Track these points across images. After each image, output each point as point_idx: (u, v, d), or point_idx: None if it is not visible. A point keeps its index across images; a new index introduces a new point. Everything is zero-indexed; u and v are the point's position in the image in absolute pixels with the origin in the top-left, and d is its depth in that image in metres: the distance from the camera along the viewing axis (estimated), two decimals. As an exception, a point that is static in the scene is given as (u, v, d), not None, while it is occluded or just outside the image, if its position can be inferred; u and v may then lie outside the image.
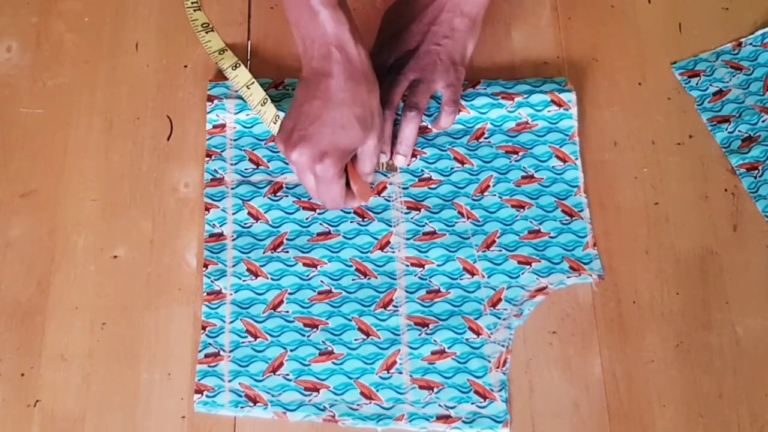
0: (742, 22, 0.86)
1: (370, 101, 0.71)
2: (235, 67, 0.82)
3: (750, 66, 0.84)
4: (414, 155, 0.81)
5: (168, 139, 0.81)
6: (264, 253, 0.77)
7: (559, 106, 0.81)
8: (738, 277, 0.76)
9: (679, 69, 0.84)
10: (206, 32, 0.85)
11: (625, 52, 0.85)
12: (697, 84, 0.83)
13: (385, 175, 0.79)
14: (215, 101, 0.82)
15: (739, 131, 0.81)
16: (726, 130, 0.81)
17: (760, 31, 0.85)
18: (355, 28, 0.70)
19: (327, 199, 0.76)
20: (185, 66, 0.84)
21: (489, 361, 0.73)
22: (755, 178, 0.79)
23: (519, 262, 0.77)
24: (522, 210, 0.79)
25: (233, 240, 0.77)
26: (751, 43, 0.85)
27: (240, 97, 0.81)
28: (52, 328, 0.74)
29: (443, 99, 0.79)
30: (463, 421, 0.71)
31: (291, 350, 0.73)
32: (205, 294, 0.75)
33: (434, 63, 0.78)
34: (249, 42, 0.85)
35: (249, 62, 0.84)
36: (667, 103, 0.83)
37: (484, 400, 0.72)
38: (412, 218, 0.78)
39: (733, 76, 0.83)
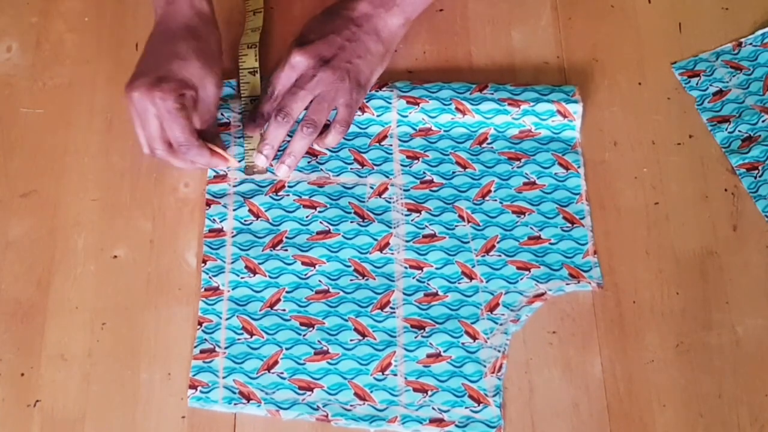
0: (742, 22, 0.86)
1: (209, 42, 0.74)
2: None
3: (750, 66, 0.84)
4: (416, 158, 0.80)
5: (168, 139, 0.81)
6: (263, 250, 0.77)
7: (564, 116, 0.81)
8: (738, 277, 0.76)
9: (679, 69, 0.84)
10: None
11: (625, 52, 0.85)
12: (697, 84, 0.83)
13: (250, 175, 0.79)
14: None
15: (739, 131, 0.81)
16: (726, 130, 0.81)
17: (760, 31, 0.85)
18: None
19: (174, 136, 0.72)
20: (185, 66, 0.84)
21: (484, 366, 0.73)
22: (755, 178, 0.79)
23: (518, 268, 0.76)
24: (522, 216, 0.78)
25: (233, 237, 0.77)
26: (751, 43, 0.84)
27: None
28: (52, 328, 0.74)
29: (337, 117, 0.79)
30: (456, 425, 0.71)
31: (286, 349, 0.73)
32: (202, 290, 0.75)
33: (341, 80, 0.78)
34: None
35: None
36: (667, 103, 0.83)
37: (478, 405, 0.72)
38: (412, 220, 0.78)
39: (733, 76, 0.83)
